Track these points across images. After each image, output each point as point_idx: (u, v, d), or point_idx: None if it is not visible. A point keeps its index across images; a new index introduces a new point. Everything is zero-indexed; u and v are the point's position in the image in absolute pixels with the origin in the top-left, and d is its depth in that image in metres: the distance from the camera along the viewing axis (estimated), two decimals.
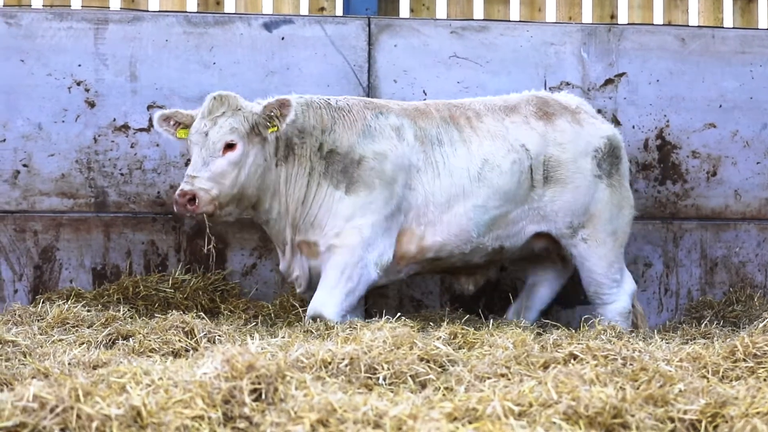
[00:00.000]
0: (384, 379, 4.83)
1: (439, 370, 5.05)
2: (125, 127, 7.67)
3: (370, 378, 4.83)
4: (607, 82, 8.07)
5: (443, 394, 4.60)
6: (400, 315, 6.34)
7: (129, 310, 6.99)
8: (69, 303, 6.88)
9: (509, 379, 4.82)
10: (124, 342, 6.04)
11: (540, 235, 7.16)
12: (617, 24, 8.43)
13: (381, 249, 6.77)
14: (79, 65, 7.66)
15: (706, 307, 7.92)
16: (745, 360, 5.23)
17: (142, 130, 7.68)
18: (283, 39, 7.82)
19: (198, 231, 7.65)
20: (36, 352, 5.66)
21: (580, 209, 7.10)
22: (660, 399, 4.36)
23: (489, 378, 4.87)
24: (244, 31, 7.79)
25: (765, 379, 4.97)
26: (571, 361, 5.08)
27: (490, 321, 6.96)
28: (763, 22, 8.91)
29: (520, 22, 8.31)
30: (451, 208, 6.88)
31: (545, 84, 7.97)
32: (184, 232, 7.67)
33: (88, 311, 6.76)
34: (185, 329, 6.07)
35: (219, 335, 6.10)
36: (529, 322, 7.10)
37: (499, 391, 4.39)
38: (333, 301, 6.63)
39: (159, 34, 7.71)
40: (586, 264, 7.18)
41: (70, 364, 5.33)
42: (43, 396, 3.97)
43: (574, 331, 6.48)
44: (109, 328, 6.28)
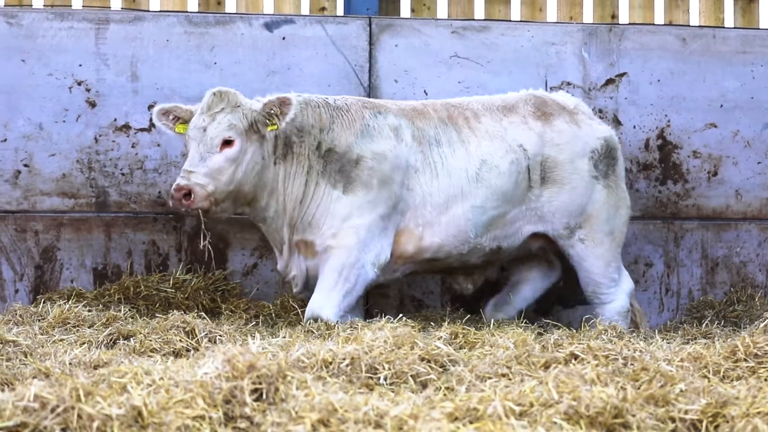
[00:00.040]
0: (385, 378, 4.83)
1: (440, 370, 5.05)
2: (126, 127, 7.68)
3: (371, 378, 4.83)
4: (608, 82, 8.07)
5: (444, 394, 4.60)
6: (401, 315, 6.35)
7: (130, 310, 6.99)
8: (70, 303, 6.88)
9: (510, 379, 4.82)
10: (125, 342, 6.04)
11: (537, 235, 7.15)
12: (618, 24, 8.43)
13: (378, 249, 6.75)
14: (80, 65, 7.66)
15: (707, 307, 7.92)
16: (746, 360, 5.23)
17: (143, 130, 7.68)
18: (284, 39, 7.82)
19: (199, 231, 7.64)
20: (37, 352, 5.66)
21: (576, 210, 7.09)
22: (661, 399, 4.36)
23: (490, 378, 4.86)
24: (245, 31, 7.79)
25: (766, 379, 4.97)
26: (572, 361, 5.08)
27: (492, 321, 6.96)
28: (764, 21, 8.91)
29: (521, 22, 8.31)
30: (449, 208, 6.87)
31: (546, 84, 7.97)
32: (185, 232, 7.67)
33: (89, 311, 6.77)
34: (186, 329, 6.07)
35: (220, 335, 6.10)
36: (506, 317, 7.09)
37: (500, 391, 4.39)
38: (331, 303, 6.62)
39: (160, 34, 7.71)
40: (583, 264, 7.17)
41: (71, 364, 5.33)
42: (44, 396, 3.97)
43: (575, 331, 6.48)
44: (110, 328, 6.28)
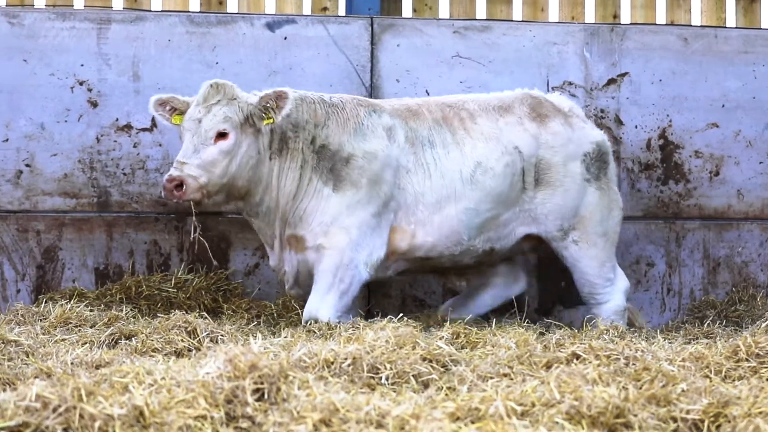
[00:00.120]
0: (387, 378, 4.83)
1: (441, 369, 5.05)
2: (128, 126, 7.68)
3: (373, 378, 4.83)
4: (610, 82, 8.06)
5: (446, 394, 4.60)
6: (402, 315, 6.35)
7: (132, 310, 6.99)
8: (72, 303, 6.88)
9: (512, 379, 4.82)
10: (127, 342, 6.04)
11: (530, 237, 7.15)
12: (620, 24, 8.43)
13: (370, 248, 6.74)
14: (82, 65, 7.66)
15: (709, 307, 7.92)
16: (747, 360, 5.23)
17: (144, 129, 7.68)
18: (285, 39, 7.82)
19: (201, 230, 7.64)
20: (39, 351, 5.66)
21: (570, 212, 7.08)
22: (662, 399, 4.36)
23: (492, 378, 4.86)
24: (246, 31, 7.79)
25: (767, 379, 4.97)
26: (574, 360, 5.07)
27: (493, 321, 6.95)
28: (765, 21, 8.90)
29: (522, 21, 8.31)
30: (441, 209, 6.85)
31: (548, 84, 7.97)
32: (186, 231, 7.66)
33: (91, 311, 6.77)
34: (188, 329, 6.07)
35: (222, 335, 6.10)
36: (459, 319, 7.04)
37: (501, 390, 4.39)
38: (327, 304, 6.61)
39: (162, 34, 7.71)
40: (578, 265, 7.17)
41: (72, 363, 5.33)
42: (45, 396, 3.97)
43: (576, 330, 6.48)
44: (111, 328, 6.28)
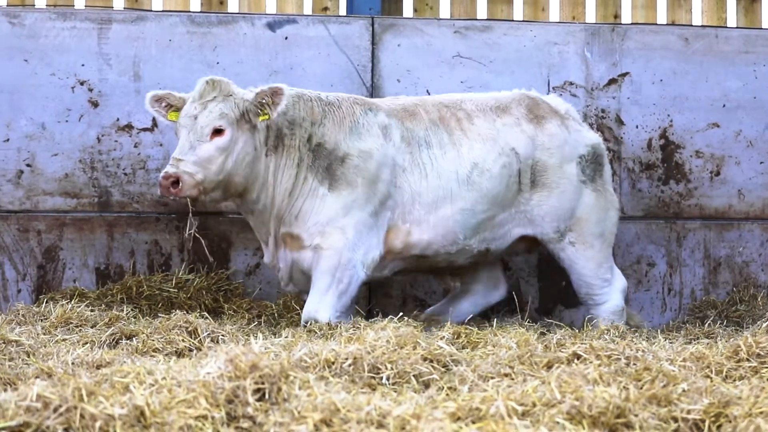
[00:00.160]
0: (387, 378, 4.83)
1: (442, 369, 5.04)
2: (129, 126, 7.68)
3: (374, 378, 4.83)
4: (611, 82, 8.06)
5: (447, 394, 4.60)
6: (402, 314, 6.34)
7: (132, 310, 7.00)
8: (72, 303, 6.89)
9: (513, 379, 4.82)
10: (128, 342, 6.04)
11: (525, 238, 7.15)
12: (621, 24, 8.43)
13: (366, 248, 6.72)
14: (83, 65, 7.66)
15: (710, 307, 7.92)
16: (748, 360, 5.23)
17: (145, 129, 7.68)
18: (286, 39, 7.82)
19: (202, 230, 7.64)
20: (39, 351, 5.66)
21: (566, 213, 7.08)
22: (663, 399, 4.35)
23: (492, 378, 4.86)
24: (247, 31, 7.79)
25: None
26: (575, 360, 5.07)
27: (494, 321, 6.95)
28: (766, 21, 8.90)
29: (523, 21, 8.31)
30: (438, 209, 6.84)
31: (548, 84, 7.97)
32: (192, 234, 7.65)
33: (92, 311, 6.77)
34: (189, 329, 6.08)
35: (222, 335, 6.10)
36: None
37: (502, 390, 4.39)
38: (326, 305, 6.58)
39: (162, 34, 7.71)
40: (574, 267, 7.16)
41: (73, 363, 5.33)
42: (46, 396, 3.97)
43: (577, 330, 6.48)
44: (112, 328, 6.28)
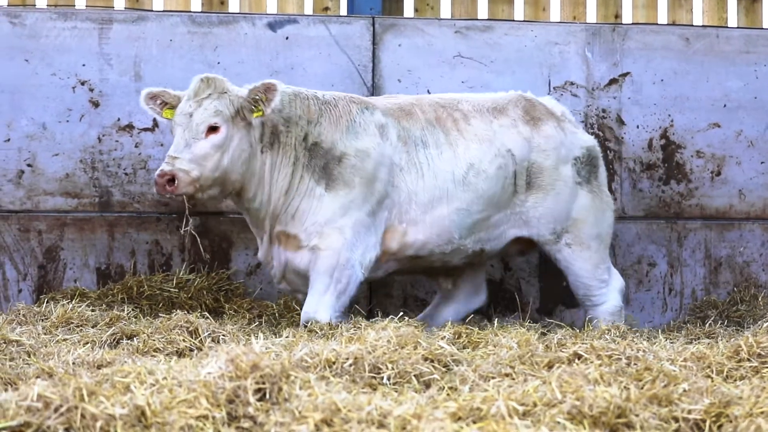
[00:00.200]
0: (388, 378, 4.83)
1: (443, 369, 5.04)
2: (129, 126, 7.68)
3: (375, 378, 4.83)
4: (612, 82, 8.06)
5: (447, 394, 4.60)
6: (403, 314, 6.34)
7: (133, 310, 7.00)
8: (73, 303, 6.89)
9: (513, 379, 4.82)
10: (129, 342, 6.04)
11: (520, 239, 7.14)
12: (621, 24, 8.43)
13: (364, 248, 6.69)
14: (84, 65, 7.66)
15: (711, 307, 7.91)
16: (749, 360, 5.22)
17: (146, 129, 7.68)
18: (287, 39, 7.82)
19: (203, 230, 7.65)
20: (40, 351, 5.66)
21: (562, 215, 7.07)
22: (664, 399, 4.35)
23: (493, 377, 4.86)
24: (248, 31, 7.79)
25: None
26: (576, 360, 5.07)
27: (495, 321, 6.95)
28: (767, 21, 8.90)
29: (524, 21, 8.31)
30: (433, 209, 6.83)
31: (549, 84, 7.97)
32: (188, 231, 7.66)
33: (93, 311, 6.77)
34: (189, 329, 6.07)
35: (223, 335, 6.10)
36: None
37: (503, 390, 4.39)
38: (325, 306, 6.57)
39: (163, 34, 7.71)
40: (571, 268, 7.15)
41: (74, 363, 5.33)
42: (47, 396, 3.97)
43: (578, 330, 6.48)
44: (113, 328, 6.28)
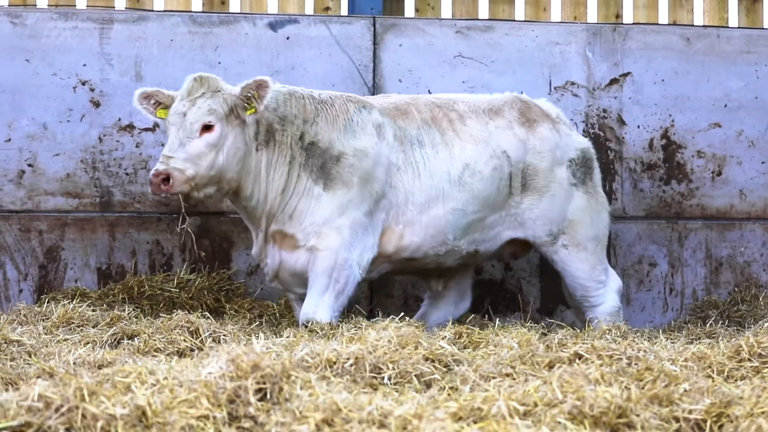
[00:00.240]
0: (389, 378, 4.83)
1: (444, 369, 5.04)
2: (130, 126, 7.68)
3: (375, 378, 4.83)
4: (612, 82, 8.06)
5: (448, 394, 4.60)
6: (404, 314, 6.34)
7: (134, 310, 7.00)
8: (74, 303, 6.89)
9: (514, 379, 4.81)
10: (129, 342, 6.04)
11: (515, 241, 7.14)
12: (622, 24, 8.43)
13: (362, 248, 6.66)
14: (84, 65, 7.67)
15: (711, 307, 7.91)
16: (750, 360, 5.22)
17: (147, 129, 7.68)
18: (288, 39, 7.82)
19: (204, 230, 7.65)
20: (41, 351, 5.66)
21: (558, 217, 7.06)
22: (665, 399, 4.35)
23: (494, 377, 4.86)
24: (249, 31, 7.79)
25: None
26: (576, 360, 5.07)
27: (496, 321, 6.95)
28: None
29: (525, 21, 8.31)
30: (429, 209, 6.81)
31: (550, 84, 7.97)
32: (189, 232, 7.66)
33: (93, 311, 6.77)
34: (190, 329, 6.07)
35: (224, 335, 6.10)
36: None
37: (504, 390, 4.39)
38: (323, 306, 6.54)
39: (164, 34, 7.71)
40: (568, 269, 7.15)
41: (75, 363, 5.33)
42: (48, 395, 3.97)
43: (578, 330, 6.47)
44: (114, 328, 6.28)
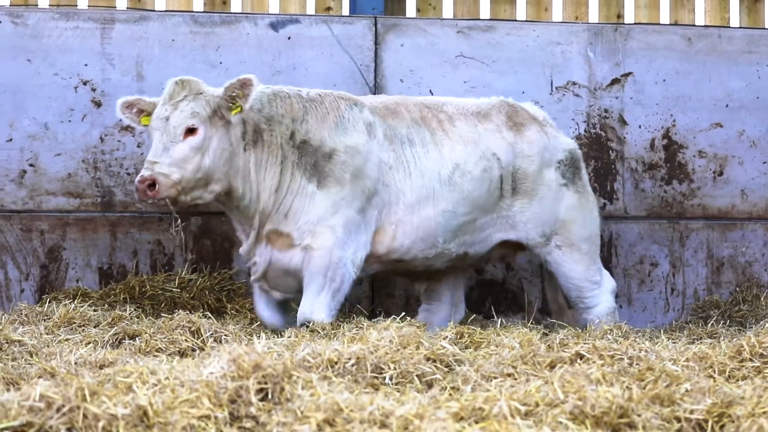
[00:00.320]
0: (390, 378, 4.83)
1: (445, 369, 5.04)
2: (131, 126, 7.66)
3: (377, 377, 4.83)
4: (614, 82, 8.06)
5: (450, 394, 4.60)
6: (405, 314, 6.34)
7: (135, 310, 7.00)
8: (75, 302, 6.89)
9: (516, 379, 4.82)
10: (131, 341, 6.04)
11: (507, 243, 7.13)
12: (624, 24, 8.43)
13: (355, 246, 6.64)
14: (86, 65, 7.67)
15: (713, 307, 7.91)
16: (751, 360, 5.22)
17: None
18: (289, 38, 7.82)
19: (205, 230, 7.65)
20: (42, 351, 5.66)
21: (550, 218, 7.05)
22: (666, 399, 4.35)
23: (495, 377, 4.86)
24: (250, 31, 7.79)
25: None
26: (578, 360, 5.07)
27: (498, 321, 6.94)
28: None
29: (526, 21, 8.32)
30: (420, 209, 6.78)
31: (551, 84, 7.97)
32: (190, 231, 7.67)
33: (95, 311, 6.78)
34: (192, 329, 6.08)
35: (225, 335, 6.10)
36: None
37: (505, 390, 4.39)
38: (320, 305, 6.53)
39: (165, 34, 7.72)
40: (562, 270, 7.13)
41: (76, 363, 5.33)
42: (49, 395, 3.97)
43: (580, 330, 6.48)
44: (115, 328, 6.29)
